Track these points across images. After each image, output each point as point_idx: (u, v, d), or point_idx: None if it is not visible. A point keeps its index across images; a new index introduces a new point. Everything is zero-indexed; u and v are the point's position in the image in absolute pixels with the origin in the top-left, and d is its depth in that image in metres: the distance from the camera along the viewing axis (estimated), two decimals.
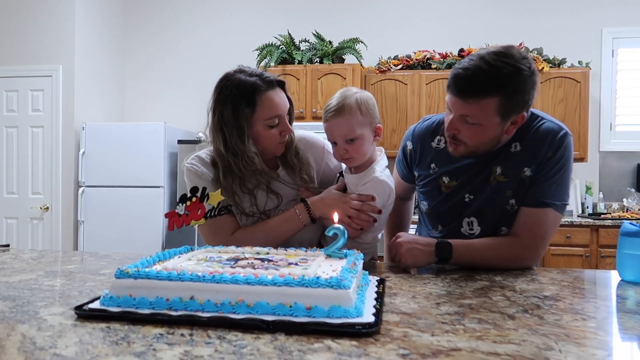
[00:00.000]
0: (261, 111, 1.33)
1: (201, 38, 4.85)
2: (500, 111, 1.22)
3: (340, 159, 1.39)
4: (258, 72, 1.37)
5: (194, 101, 4.73)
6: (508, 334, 0.78)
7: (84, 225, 4.18)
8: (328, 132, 1.37)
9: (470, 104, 1.23)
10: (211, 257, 1.06)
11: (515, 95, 1.22)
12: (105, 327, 0.80)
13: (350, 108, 1.32)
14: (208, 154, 1.43)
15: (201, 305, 0.83)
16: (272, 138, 1.36)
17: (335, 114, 1.33)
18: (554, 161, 1.30)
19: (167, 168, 4.11)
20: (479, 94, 1.21)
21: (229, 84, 1.34)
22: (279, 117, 1.35)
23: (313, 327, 0.77)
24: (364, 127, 1.33)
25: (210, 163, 1.41)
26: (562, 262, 3.73)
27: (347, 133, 1.32)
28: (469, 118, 1.25)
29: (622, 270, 1.21)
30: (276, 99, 1.35)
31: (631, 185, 4.25)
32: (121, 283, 0.87)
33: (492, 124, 1.25)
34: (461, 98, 1.24)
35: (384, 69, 4.30)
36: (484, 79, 1.20)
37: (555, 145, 1.31)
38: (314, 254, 1.09)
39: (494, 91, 1.20)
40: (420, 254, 1.31)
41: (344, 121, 1.32)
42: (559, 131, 1.32)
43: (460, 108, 1.26)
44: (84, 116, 4.35)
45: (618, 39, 4.33)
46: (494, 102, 1.21)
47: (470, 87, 1.22)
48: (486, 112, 1.23)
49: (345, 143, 1.34)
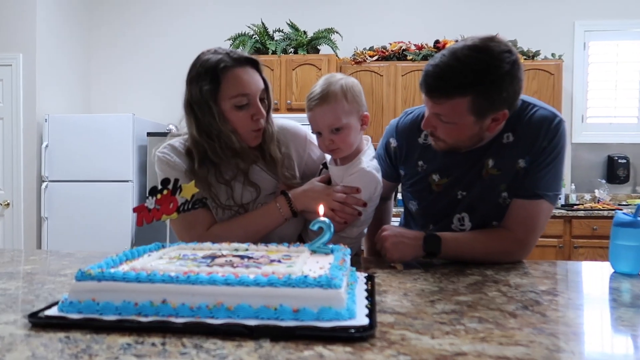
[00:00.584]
0: (226, 88, 1.23)
1: (171, 26, 4.68)
2: (474, 110, 1.14)
3: (326, 150, 1.30)
4: (226, 50, 1.28)
5: (164, 92, 4.56)
6: (513, 334, 0.72)
7: (48, 222, 3.99)
8: (312, 121, 1.28)
9: (441, 103, 1.16)
10: (185, 255, 0.97)
11: (490, 93, 1.13)
12: (64, 337, 0.70)
13: (336, 95, 1.23)
14: (182, 142, 1.33)
15: (175, 309, 0.74)
16: (243, 122, 1.26)
17: (319, 102, 1.24)
18: (549, 150, 1.24)
19: (136, 161, 3.95)
20: (448, 94, 1.14)
21: (197, 63, 1.26)
22: (248, 96, 1.25)
23: (302, 331, 0.69)
24: (351, 116, 1.25)
25: (184, 152, 1.32)
26: (536, 253, 3.75)
27: (333, 122, 1.24)
28: (442, 117, 1.18)
29: (615, 261, 1.17)
30: (244, 76, 1.25)
31: (602, 176, 4.31)
32: (83, 286, 0.77)
33: (467, 123, 1.17)
34: (430, 98, 1.17)
35: (359, 60, 4.23)
36: (452, 78, 1.12)
37: (551, 134, 1.23)
38: (298, 250, 1.01)
39: (464, 90, 1.12)
40: (406, 248, 1.24)
41: (329, 110, 1.24)
42: (553, 119, 1.24)
43: (432, 107, 1.19)
44: (46, 107, 4.14)
45: (590, 32, 4.37)
46: (466, 102, 1.13)
47: (438, 87, 1.15)
48: (458, 112, 1.15)
49: (330, 133, 1.26)
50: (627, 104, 4.37)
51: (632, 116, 4.37)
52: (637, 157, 4.27)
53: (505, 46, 1.15)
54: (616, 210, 3.75)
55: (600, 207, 3.89)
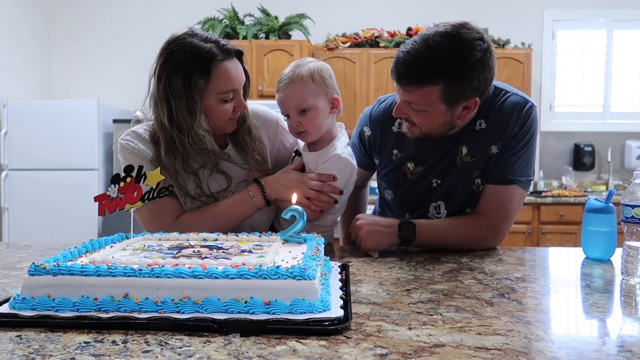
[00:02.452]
0: (216, 84, 1.18)
1: (139, 7, 4.50)
2: (444, 99, 1.13)
3: (295, 132, 1.28)
4: (214, 38, 1.20)
5: (130, 77, 4.41)
6: (491, 323, 0.71)
7: (9, 213, 3.82)
8: (280, 103, 1.27)
9: (411, 91, 1.14)
10: (150, 245, 0.92)
11: (461, 82, 1.12)
12: (16, 336, 0.65)
13: (302, 77, 1.22)
14: (146, 129, 1.26)
15: (138, 304, 0.69)
16: (224, 114, 1.21)
17: (286, 83, 1.23)
18: (520, 136, 1.24)
19: (101, 149, 3.81)
20: (418, 82, 1.12)
21: (181, 49, 1.16)
22: (235, 91, 1.21)
23: (274, 325, 0.66)
24: (317, 97, 1.24)
25: (150, 139, 1.25)
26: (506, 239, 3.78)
27: (299, 103, 1.23)
28: (413, 105, 1.17)
29: (587, 247, 1.17)
30: (233, 70, 1.20)
31: (569, 164, 4.40)
32: (37, 281, 0.71)
33: (438, 111, 1.16)
34: (400, 85, 1.15)
35: (332, 47, 4.18)
36: (422, 66, 1.11)
37: (523, 119, 1.23)
38: (270, 239, 0.98)
39: (434, 78, 1.11)
40: (381, 236, 1.22)
41: (295, 90, 1.23)
42: (525, 104, 1.24)
43: (402, 94, 1.17)
44: (4, 93, 3.94)
45: (558, 21, 4.43)
46: (436, 90, 1.12)
47: (409, 74, 1.13)
48: (428, 100, 1.14)
49: (298, 115, 1.24)
50: (592, 93, 4.46)
51: (597, 105, 4.46)
52: (601, 145, 4.38)
53: (478, 33, 1.13)
54: (587, 197, 3.85)
55: (568, 193, 3.97)
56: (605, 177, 4.40)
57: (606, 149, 4.35)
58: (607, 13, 4.38)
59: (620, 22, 4.40)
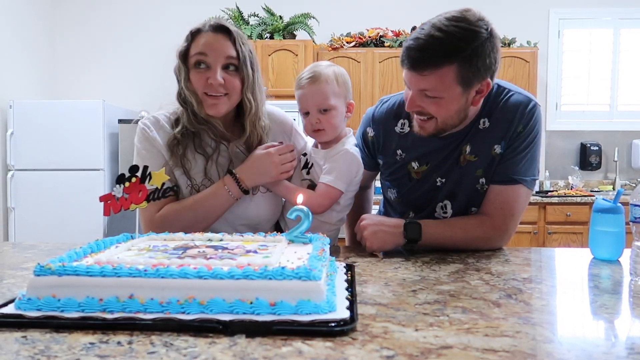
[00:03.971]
0: (192, 49, 1.25)
1: (143, 8, 4.51)
2: (460, 80, 1.12)
3: (312, 130, 1.30)
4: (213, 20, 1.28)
5: (135, 77, 4.42)
6: (498, 324, 0.70)
7: (15, 213, 3.83)
8: (302, 100, 1.29)
9: (427, 76, 1.12)
10: (155, 246, 0.92)
11: (474, 60, 1.11)
12: (21, 337, 0.65)
13: (327, 77, 1.27)
14: (166, 115, 1.32)
15: (143, 305, 0.69)
16: (198, 82, 1.24)
17: (310, 81, 1.26)
18: (524, 135, 1.23)
19: (107, 149, 3.82)
20: (434, 64, 1.11)
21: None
22: (205, 57, 1.23)
23: (279, 326, 0.65)
24: (339, 99, 1.28)
25: (169, 124, 1.30)
26: (512, 240, 3.80)
27: (322, 101, 1.26)
28: (429, 92, 1.15)
29: (595, 247, 1.16)
30: (209, 39, 1.23)
31: (575, 163, 4.38)
32: (42, 281, 0.71)
33: (455, 95, 1.14)
34: (416, 71, 1.13)
35: (336, 46, 4.17)
36: (437, 47, 1.10)
37: (526, 118, 1.22)
38: (275, 239, 0.97)
39: (450, 59, 1.10)
40: (387, 236, 1.21)
41: (320, 88, 1.26)
42: (528, 103, 1.23)
43: (417, 82, 1.15)
44: (11, 93, 3.96)
45: (564, 20, 4.40)
46: (452, 71, 1.11)
47: (424, 58, 1.11)
48: (445, 83, 1.12)
49: (318, 113, 1.27)
50: (599, 92, 4.43)
51: (604, 104, 4.43)
52: (608, 145, 4.35)
53: (480, 15, 1.14)
54: (593, 196, 3.82)
55: (574, 193, 3.94)
56: (612, 177, 4.37)
57: (613, 148, 4.32)
58: (613, 11, 4.35)
59: (627, 20, 4.36)
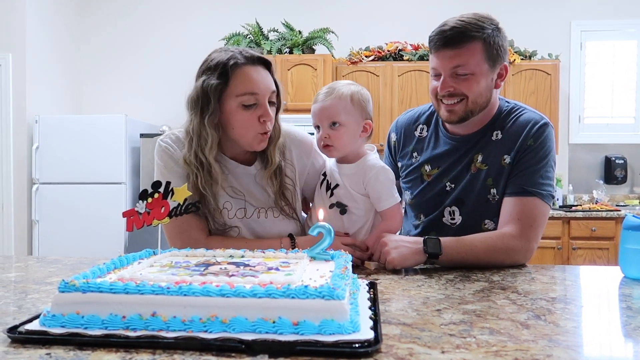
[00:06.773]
0: (234, 86, 1.18)
1: (164, 26, 4.61)
2: (487, 56, 1.26)
3: (321, 145, 1.30)
4: (242, 49, 1.24)
5: (157, 92, 4.50)
6: (528, 347, 0.67)
7: (39, 226, 3.91)
8: (314, 114, 1.30)
9: (460, 49, 1.24)
10: (177, 262, 0.92)
11: (495, 41, 1.27)
12: (45, 353, 0.65)
13: (342, 93, 1.27)
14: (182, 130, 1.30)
15: (165, 323, 0.69)
16: (249, 123, 1.20)
17: (324, 96, 1.28)
18: (535, 149, 1.30)
19: (128, 163, 3.88)
20: (466, 39, 1.25)
21: (207, 59, 1.23)
22: (256, 96, 1.20)
23: (302, 346, 0.64)
24: (351, 116, 1.27)
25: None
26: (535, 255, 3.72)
27: (332, 116, 1.26)
28: (460, 69, 1.25)
29: (626, 266, 1.13)
30: (254, 74, 1.20)
31: (599, 177, 4.29)
32: (66, 298, 0.71)
33: (483, 72, 1.27)
34: (450, 47, 1.25)
35: (355, 60, 4.18)
36: (466, 26, 1.25)
37: (536, 133, 1.30)
38: (296, 256, 0.96)
39: (478, 33, 1.25)
40: (407, 252, 1.20)
41: (332, 103, 1.27)
42: (539, 120, 1.32)
43: (450, 59, 1.25)
44: (37, 108, 4.06)
45: (586, 32, 4.35)
46: (480, 46, 1.25)
47: (454, 35, 1.25)
48: (476, 58, 1.25)
49: (328, 128, 1.27)
50: (624, 104, 4.35)
51: (629, 116, 4.35)
52: (634, 158, 4.25)
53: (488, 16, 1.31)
54: (620, 211, 3.72)
55: (599, 207, 3.85)
56: (638, 191, 4.27)
57: (639, 161, 4.22)
58: (636, 23, 4.29)
59: None
